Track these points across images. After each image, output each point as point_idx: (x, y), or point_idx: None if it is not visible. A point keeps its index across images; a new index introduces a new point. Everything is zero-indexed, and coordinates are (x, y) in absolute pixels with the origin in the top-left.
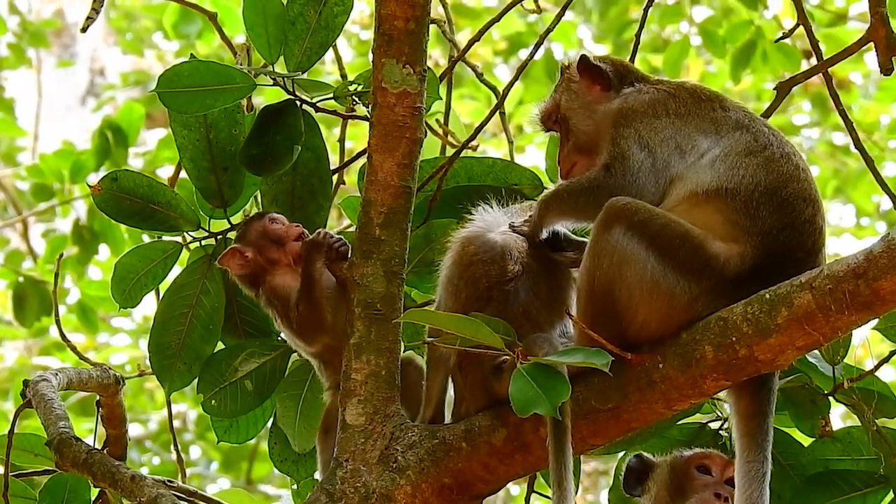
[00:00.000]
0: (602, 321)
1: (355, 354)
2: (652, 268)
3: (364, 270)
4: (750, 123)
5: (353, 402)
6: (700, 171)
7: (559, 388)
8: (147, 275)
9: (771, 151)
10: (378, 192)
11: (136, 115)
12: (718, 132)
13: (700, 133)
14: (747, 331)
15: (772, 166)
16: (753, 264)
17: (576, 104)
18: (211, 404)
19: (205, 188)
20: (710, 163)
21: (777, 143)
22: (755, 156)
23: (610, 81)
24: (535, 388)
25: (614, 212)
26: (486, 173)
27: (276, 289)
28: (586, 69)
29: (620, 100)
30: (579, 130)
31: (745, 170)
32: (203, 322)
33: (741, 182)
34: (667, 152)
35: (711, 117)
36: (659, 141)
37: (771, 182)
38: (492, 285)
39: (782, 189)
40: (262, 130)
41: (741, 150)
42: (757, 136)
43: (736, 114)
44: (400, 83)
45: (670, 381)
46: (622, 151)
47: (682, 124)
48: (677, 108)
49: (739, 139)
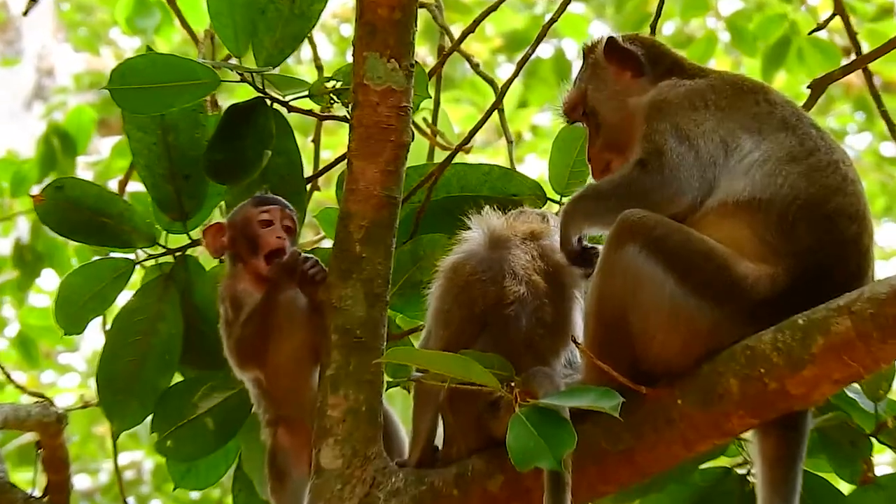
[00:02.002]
0: (613, 350)
1: (332, 388)
2: (670, 290)
3: (342, 292)
4: (797, 123)
5: (329, 442)
6: (734, 177)
7: (563, 437)
8: (95, 297)
9: (817, 158)
10: (359, 204)
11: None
12: (761, 132)
13: (743, 130)
14: (778, 361)
15: (815, 176)
16: (786, 287)
17: (604, 93)
18: (166, 445)
19: (162, 198)
20: (747, 168)
21: (825, 149)
22: (798, 163)
23: (642, 67)
24: (535, 436)
25: (628, 226)
26: (482, 182)
27: (235, 290)
28: (614, 53)
29: (654, 92)
30: (610, 124)
31: (784, 178)
32: (158, 351)
33: (778, 193)
34: (712, 146)
35: (755, 113)
36: (701, 133)
37: (813, 195)
38: (488, 308)
39: (825, 203)
40: (227, 133)
41: (783, 154)
42: (803, 139)
43: (782, 110)
44: (384, 79)
45: (690, 419)
46: (657, 147)
47: (723, 118)
48: (718, 100)
49: (783, 142)
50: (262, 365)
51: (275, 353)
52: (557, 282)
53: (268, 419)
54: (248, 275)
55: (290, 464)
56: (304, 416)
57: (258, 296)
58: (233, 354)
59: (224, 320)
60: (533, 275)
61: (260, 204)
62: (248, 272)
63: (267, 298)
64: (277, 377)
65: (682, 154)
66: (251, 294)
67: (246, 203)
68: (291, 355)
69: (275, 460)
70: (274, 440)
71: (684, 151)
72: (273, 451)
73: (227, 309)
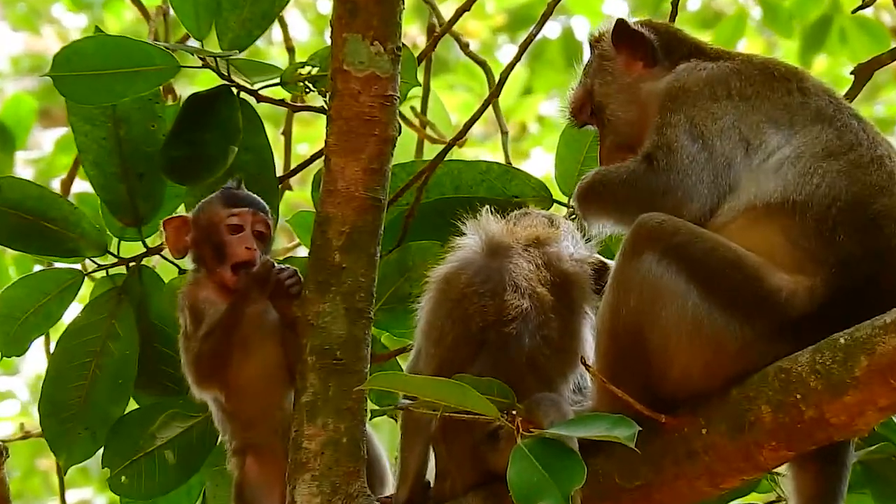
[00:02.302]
0: (629, 373)
1: (308, 417)
2: (693, 305)
3: (320, 308)
4: (835, 114)
5: (306, 478)
6: (763, 177)
7: (571, 472)
8: (38, 313)
9: (858, 154)
10: (338, 207)
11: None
12: (793, 124)
13: (771, 124)
14: (816, 386)
15: (857, 174)
16: (825, 301)
17: (613, 87)
18: (120, 482)
19: (113, 201)
20: (777, 166)
21: (868, 142)
22: (836, 159)
23: (655, 54)
24: (540, 471)
25: (645, 233)
26: (479, 182)
27: (196, 298)
28: (624, 39)
29: (671, 77)
30: (620, 121)
31: (820, 178)
32: (110, 375)
33: (814, 194)
34: (728, 145)
35: (786, 103)
36: (718, 130)
37: (854, 195)
38: (487, 326)
39: (869, 205)
40: (187, 126)
41: (819, 150)
42: (842, 131)
43: (818, 100)
44: (366, 65)
45: (716, 450)
46: (668, 142)
47: (748, 110)
48: (743, 88)
49: (818, 136)
50: (223, 385)
51: (239, 372)
52: (565, 295)
53: (234, 447)
54: (212, 282)
55: (261, 499)
56: (275, 444)
57: (222, 306)
58: (190, 371)
59: (183, 332)
60: (537, 287)
61: (229, 204)
62: (212, 279)
63: (232, 310)
64: (242, 399)
65: (693, 155)
66: (214, 304)
67: (213, 198)
68: (259, 375)
69: (242, 495)
70: (241, 472)
71: (696, 152)
72: (240, 485)
73: (186, 319)
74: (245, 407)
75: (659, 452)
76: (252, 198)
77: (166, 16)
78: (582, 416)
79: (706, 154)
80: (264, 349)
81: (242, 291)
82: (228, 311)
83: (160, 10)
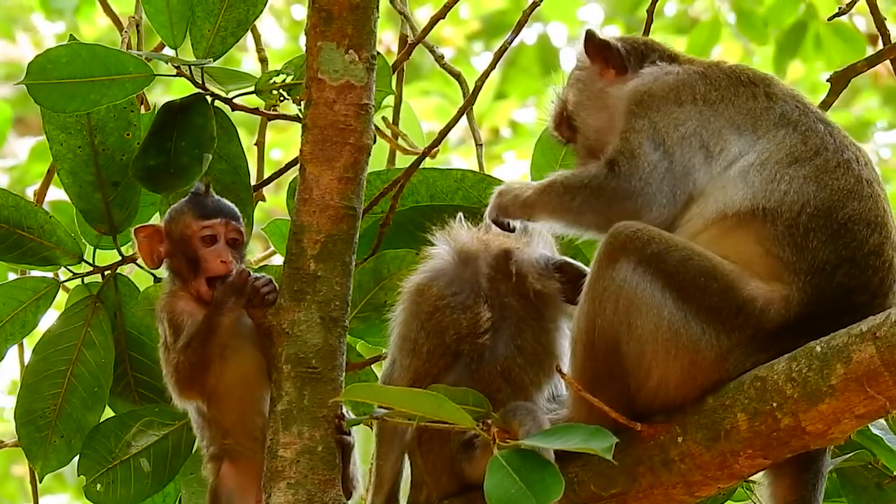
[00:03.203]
0: (605, 382)
1: (283, 425)
2: (669, 315)
3: (295, 316)
4: (800, 119)
5: (282, 486)
6: (730, 185)
7: (548, 483)
8: (13, 321)
9: (823, 159)
10: (313, 215)
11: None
12: (756, 129)
13: (733, 129)
14: (792, 394)
15: (824, 179)
16: (801, 310)
17: (584, 95)
18: (96, 490)
19: (88, 209)
20: (743, 173)
21: (834, 147)
22: (802, 164)
23: (626, 61)
24: (517, 482)
25: (621, 241)
26: (454, 190)
27: (173, 310)
28: (595, 48)
29: (637, 81)
30: (589, 127)
31: (787, 184)
32: (86, 383)
33: (783, 201)
34: (689, 154)
35: (749, 109)
36: (679, 137)
37: (823, 200)
38: (462, 337)
39: (838, 210)
40: (162, 135)
41: (783, 156)
42: (807, 136)
43: (784, 105)
44: (341, 73)
45: (692, 458)
46: (631, 148)
47: (711, 115)
48: (707, 92)
49: (783, 141)
50: (203, 393)
51: (219, 380)
52: (538, 305)
53: (212, 452)
54: (188, 293)
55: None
56: (254, 450)
57: (199, 317)
58: (171, 381)
59: (162, 343)
60: (509, 297)
61: (201, 216)
62: (188, 290)
63: (208, 321)
64: (223, 406)
65: (654, 164)
66: (192, 315)
67: (184, 208)
68: (238, 382)
69: (218, 501)
70: (217, 478)
71: (657, 160)
72: (216, 491)
73: (165, 331)
74: (225, 413)
75: (635, 461)
76: (224, 206)
77: (139, 26)
78: (558, 427)
79: (667, 163)
80: (242, 356)
81: (218, 302)
82: (205, 321)
83: (132, 21)
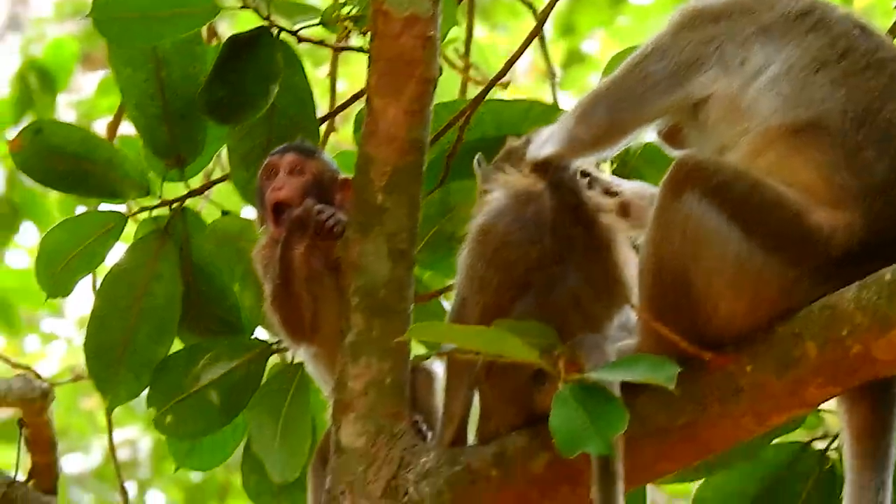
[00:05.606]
0: (673, 312)
1: (352, 357)
2: (736, 246)
3: (362, 248)
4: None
5: (350, 418)
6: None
7: (614, 418)
8: (81, 255)
9: (851, 60)
10: (380, 148)
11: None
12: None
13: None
14: (862, 322)
15: (852, 82)
16: (866, 237)
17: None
18: (165, 422)
19: (155, 142)
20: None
21: (865, 48)
22: (827, 69)
23: None
24: (582, 416)
25: (685, 172)
26: (521, 120)
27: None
28: None
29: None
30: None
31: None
32: (154, 316)
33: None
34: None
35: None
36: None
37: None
38: (531, 269)
39: (876, 113)
40: (227, 67)
41: (808, 61)
42: (836, 39)
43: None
44: (406, 6)
45: (762, 388)
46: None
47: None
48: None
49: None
50: (306, 336)
51: (317, 322)
52: (605, 234)
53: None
54: (271, 238)
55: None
56: None
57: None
58: (279, 329)
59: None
60: (575, 228)
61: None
62: (270, 236)
63: (282, 263)
64: (328, 343)
65: (653, 68)
66: (270, 260)
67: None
68: (333, 316)
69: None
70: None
71: (655, 64)
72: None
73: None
74: (333, 349)
75: (704, 391)
76: (289, 144)
77: None
78: (623, 359)
79: (664, 66)
80: (327, 289)
81: (285, 237)
82: (280, 265)
83: None
